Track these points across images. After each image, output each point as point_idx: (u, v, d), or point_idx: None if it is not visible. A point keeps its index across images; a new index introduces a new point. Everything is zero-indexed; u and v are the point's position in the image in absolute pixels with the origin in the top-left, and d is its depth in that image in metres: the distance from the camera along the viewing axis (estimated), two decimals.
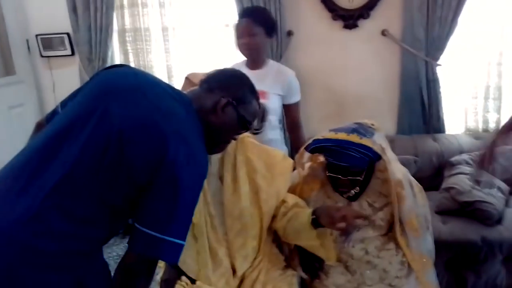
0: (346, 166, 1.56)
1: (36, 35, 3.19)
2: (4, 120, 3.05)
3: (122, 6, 3.02)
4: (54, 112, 1.26)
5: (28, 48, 3.26)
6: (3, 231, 1.01)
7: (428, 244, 1.69)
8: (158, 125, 1.07)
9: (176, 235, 1.07)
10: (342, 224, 1.39)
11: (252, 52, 2.18)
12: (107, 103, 1.09)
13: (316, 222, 1.47)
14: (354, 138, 1.54)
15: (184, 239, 1.09)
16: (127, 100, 1.10)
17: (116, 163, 1.05)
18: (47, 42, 3.20)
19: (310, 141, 1.66)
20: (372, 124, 1.64)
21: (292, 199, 1.63)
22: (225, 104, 1.22)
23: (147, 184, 1.05)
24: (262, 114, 1.97)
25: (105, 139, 1.05)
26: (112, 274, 1.17)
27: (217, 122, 1.23)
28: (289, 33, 2.89)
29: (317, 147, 1.63)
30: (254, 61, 2.24)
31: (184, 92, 1.30)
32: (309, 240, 1.54)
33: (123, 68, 1.27)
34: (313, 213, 1.50)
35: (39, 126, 1.29)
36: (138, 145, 1.05)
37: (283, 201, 1.61)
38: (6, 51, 3.21)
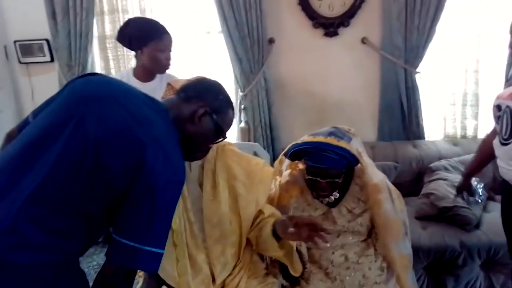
0: (324, 168, 1.58)
1: (14, 41, 3.13)
2: None
3: (102, 12, 2.99)
4: (25, 122, 1.23)
5: (6, 54, 3.20)
6: None
7: (407, 249, 1.70)
8: (135, 133, 1.06)
9: (155, 244, 1.06)
10: (291, 230, 1.41)
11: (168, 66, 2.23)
12: (83, 111, 1.08)
13: (276, 233, 1.49)
14: (331, 140, 1.57)
15: (163, 247, 1.08)
16: (102, 109, 1.09)
17: (93, 172, 1.04)
18: (26, 48, 3.14)
19: (289, 146, 1.68)
20: (349, 129, 1.67)
21: (269, 209, 1.63)
22: (202, 113, 1.23)
23: (124, 192, 1.04)
24: None
25: (81, 148, 1.04)
26: (91, 284, 1.15)
27: (194, 131, 1.24)
28: (271, 41, 2.91)
29: (296, 152, 1.65)
30: (155, 75, 2.26)
31: (160, 100, 1.30)
32: (274, 251, 1.56)
33: (96, 76, 1.26)
34: (274, 224, 1.51)
35: (9, 137, 1.26)
36: (115, 154, 1.04)
37: (260, 212, 1.61)
38: None
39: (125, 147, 1.05)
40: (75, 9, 2.87)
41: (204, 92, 1.28)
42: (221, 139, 1.34)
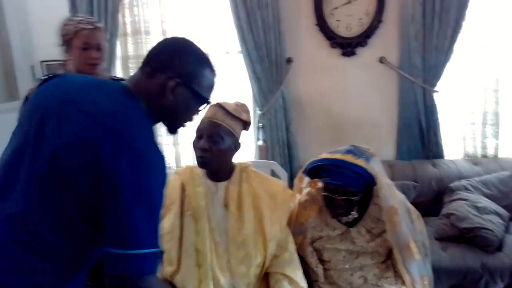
0: (340, 185, 1.58)
1: (41, 61, 3.24)
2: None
3: (125, 34, 3.09)
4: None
5: (33, 74, 3.31)
6: None
7: (427, 270, 1.68)
8: (87, 132, 0.98)
9: (140, 246, 0.98)
10: None
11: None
12: (39, 128, 1.03)
13: None
14: (349, 158, 1.58)
15: (154, 246, 1.00)
16: (57, 118, 1.02)
17: (60, 188, 0.99)
18: (52, 69, 3.24)
19: (308, 162, 1.69)
20: (368, 149, 1.67)
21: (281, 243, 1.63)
22: (173, 86, 1.08)
23: (97, 201, 0.98)
24: None
25: (44, 167, 1.00)
26: None
27: (170, 105, 1.10)
28: (289, 61, 2.95)
29: (314, 169, 1.66)
30: None
31: (123, 82, 1.18)
32: None
33: (53, 80, 1.15)
34: None
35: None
36: (73, 161, 0.98)
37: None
38: (11, 77, 3.25)
39: (80, 151, 0.97)
40: None
41: (169, 60, 1.10)
42: (206, 104, 1.18)
